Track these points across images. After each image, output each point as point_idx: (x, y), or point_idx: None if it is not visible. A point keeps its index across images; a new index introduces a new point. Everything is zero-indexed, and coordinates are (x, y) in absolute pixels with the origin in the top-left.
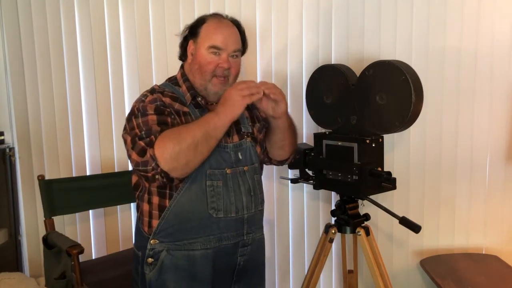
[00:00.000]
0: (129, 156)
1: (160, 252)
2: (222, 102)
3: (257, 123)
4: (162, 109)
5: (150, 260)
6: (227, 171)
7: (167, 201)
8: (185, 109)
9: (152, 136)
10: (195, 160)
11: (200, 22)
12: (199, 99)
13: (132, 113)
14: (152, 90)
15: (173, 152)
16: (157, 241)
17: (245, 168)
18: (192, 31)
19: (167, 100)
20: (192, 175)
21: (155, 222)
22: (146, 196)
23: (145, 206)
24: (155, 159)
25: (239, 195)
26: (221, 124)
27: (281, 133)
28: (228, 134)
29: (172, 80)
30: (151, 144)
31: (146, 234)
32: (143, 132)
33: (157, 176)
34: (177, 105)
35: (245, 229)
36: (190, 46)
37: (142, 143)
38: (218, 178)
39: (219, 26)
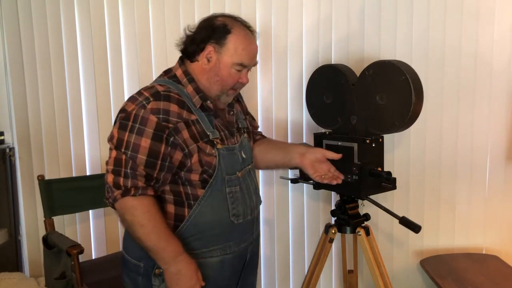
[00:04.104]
0: (106, 170)
1: None
2: (182, 270)
3: (247, 115)
4: (162, 128)
5: (158, 271)
6: (239, 175)
7: (186, 210)
8: (193, 116)
9: (132, 189)
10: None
11: (225, 30)
12: (208, 102)
13: (127, 118)
14: (156, 94)
15: (126, 222)
16: None
17: (249, 166)
18: (215, 36)
19: (174, 108)
20: (213, 183)
21: None
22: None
23: None
24: (114, 202)
25: (250, 196)
26: (162, 257)
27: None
28: (232, 134)
29: (172, 77)
30: (126, 192)
31: None
32: (128, 170)
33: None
34: (185, 113)
35: (255, 228)
36: (210, 52)
37: (121, 183)
38: (234, 183)
39: (248, 42)
